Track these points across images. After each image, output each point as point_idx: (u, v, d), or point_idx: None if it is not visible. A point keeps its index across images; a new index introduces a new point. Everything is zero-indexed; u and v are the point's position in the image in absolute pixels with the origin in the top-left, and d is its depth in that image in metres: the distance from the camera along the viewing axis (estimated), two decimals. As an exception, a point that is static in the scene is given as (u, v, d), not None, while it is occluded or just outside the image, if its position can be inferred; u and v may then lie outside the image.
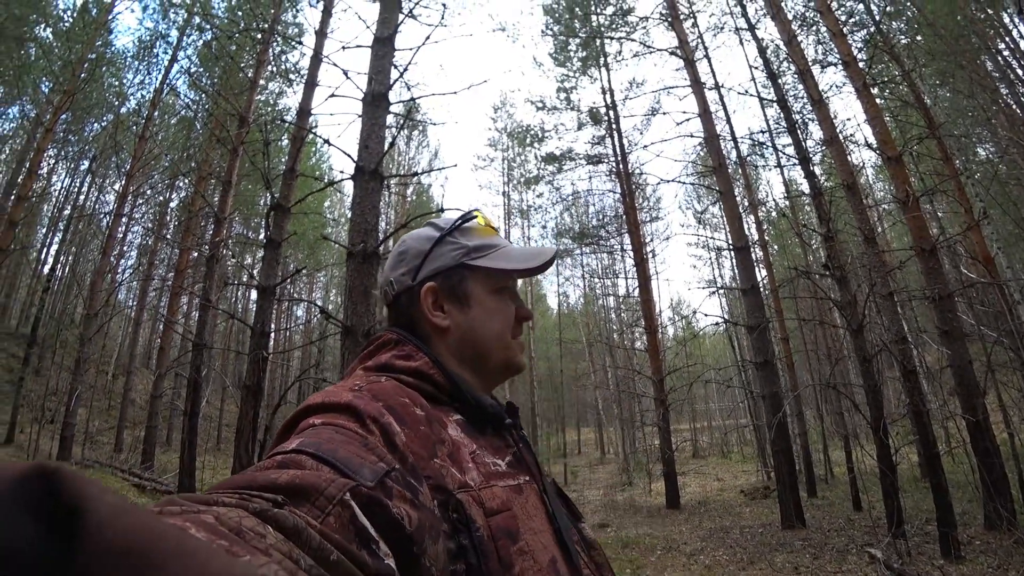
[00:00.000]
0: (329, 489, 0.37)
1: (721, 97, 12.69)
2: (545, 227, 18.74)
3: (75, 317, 15.25)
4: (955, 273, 10.49)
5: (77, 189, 15.46)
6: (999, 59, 10.64)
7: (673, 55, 11.59)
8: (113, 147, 9.71)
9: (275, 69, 9.91)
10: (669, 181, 14.34)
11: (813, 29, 11.35)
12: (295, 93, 11.43)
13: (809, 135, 11.76)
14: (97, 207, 15.10)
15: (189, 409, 7.01)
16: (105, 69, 10.73)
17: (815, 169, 8.98)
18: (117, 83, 11.14)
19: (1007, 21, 10.00)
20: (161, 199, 13.64)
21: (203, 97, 10.19)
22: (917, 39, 10.17)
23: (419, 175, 8.59)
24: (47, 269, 14.52)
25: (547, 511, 0.59)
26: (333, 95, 5.32)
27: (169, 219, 14.50)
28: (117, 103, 11.15)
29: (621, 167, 13.34)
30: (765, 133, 13.45)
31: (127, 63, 11.04)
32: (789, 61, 10.57)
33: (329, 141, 4.68)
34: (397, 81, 5.05)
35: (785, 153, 12.25)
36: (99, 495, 0.17)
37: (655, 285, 16.19)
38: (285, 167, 7.25)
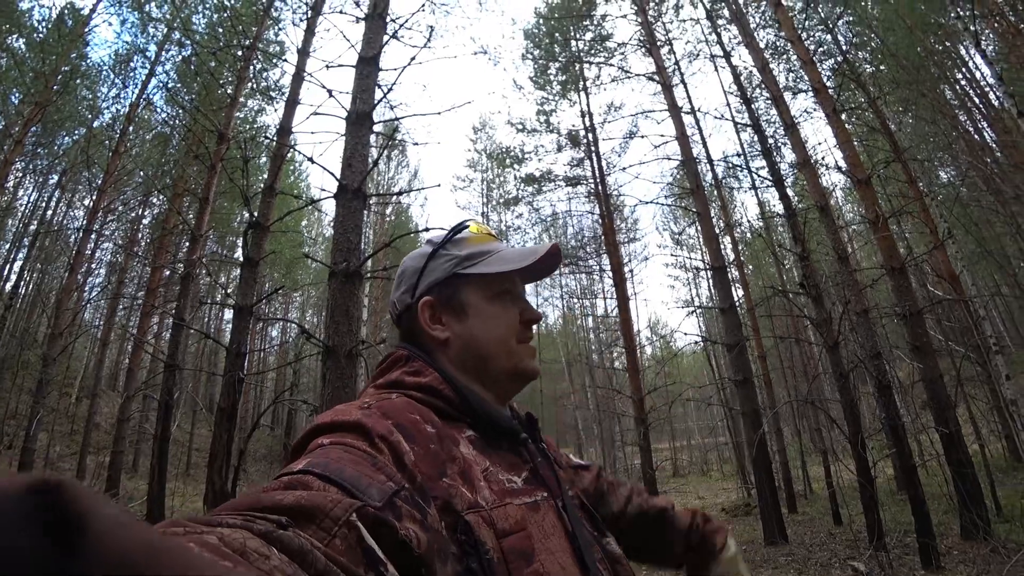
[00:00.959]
0: (335, 510, 0.37)
1: (697, 121, 13.07)
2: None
3: (38, 336, 14.65)
4: (923, 291, 10.87)
5: (45, 204, 14.99)
6: (957, 88, 11.24)
7: (651, 80, 11.93)
8: (85, 161, 9.46)
9: (255, 86, 9.85)
10: (647, 203, 14.59)
11: (784, 57, 11.84)
12: (276, 111, 11.38)
13: (782, 158, 12.18)
14: (65, 222, 14.64)
15: (159, 433, 6.74)
16: (79, 81, 10.51)
17: (788, 191, 9.28)
18: (91, 96, 10.90)
19: (963, 53, 10.59)
20: (133, 215, 13.31)
21: (181, 113, 10.05)
22: (881, 68, 10.68)
23: (402, 194, 8.57)
24: (9, 286, 13.94)
25: (566, 529, 0.57)
26: (316, 113, 5.30)
27: (141, 236, 14.13)
28: (91, 116, 10.90)
29: (600, 188, 13.57)
30: (740, 156, 13.86)
31: (102, 76, 10.84)
32: (762, 87, 10.97)
33: (312, 159, 4.64)
34: (381, 101, 5.08)
35: (760, 175, 12.64)
36: (101, 509, 0.17)
37: (633, 305, 16.36)
38: (264, 185, 7.15)
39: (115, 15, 10.06)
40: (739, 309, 10.25)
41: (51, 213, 14.79)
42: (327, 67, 5.75)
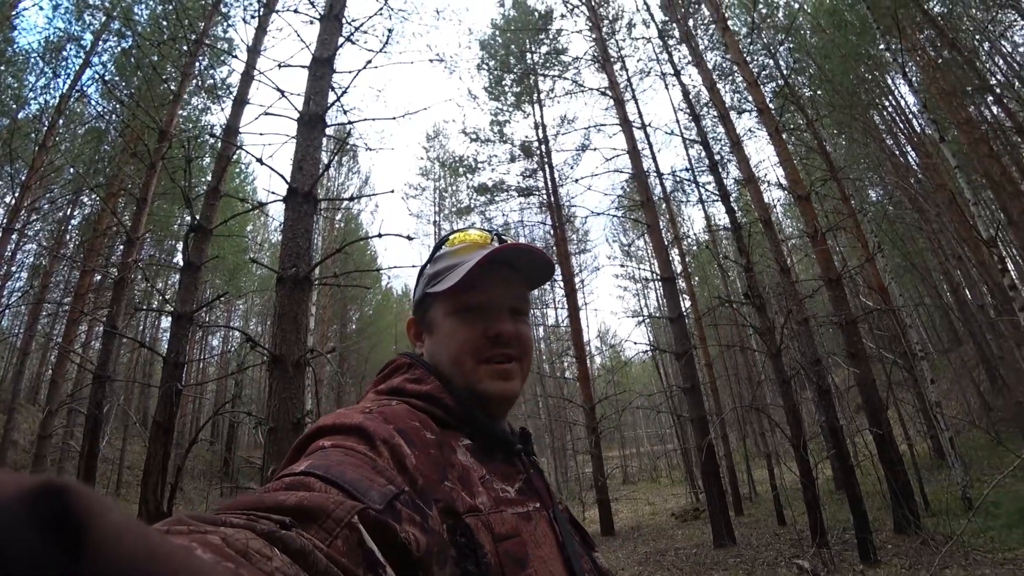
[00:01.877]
0: (337, 512, 0.37)
1: (648, 136, 13.51)
2: (476, 258, 18.79)
3: (-55, 347, 13.32)
4: (856, 301, 11.59)
5: (-43, 202, 13.70)
6: (885, 114, 12.13)
7: (604, 95, 12.26)
8: (7, 155, 8.71)
9: (201, 83, 9.39)
10: (599, 214, 14.89)
11: (730, 79, 12.43)
12: (222, 110, 10.90)
13: (728, 174, 12.73)
14: (-19, 222, 13.42)
15: (87, 449, 6.22)
16: (3, 68, 9.71)
17: (733, 206, 9.72)
18: (17, 85, 10.06)
19: (890, 82, 11.46)
20: (61, 215, 12.37)
21: (118, 107, 9.44)
22: (818, 93, 11.40)
23: (354, 200, 8.37)
24: (-88, 292, 12.63)
25: (557, 539, 0.57)
26: (267, 113, 5.10)
27: (69, 238, 13.14)
28: (15, 106, 10.06)
29: (552, 199, 13.78)
30: (688, 171, 14.38)
31: (30, 64, 10.03)
32: (710, 106, 11.48)
33: (262, 160, 4.45)
34: (335, 104, 4.96)
35: (707, 189, 13.17)
36: (105, 512, 0.17)
37: (584, 315, 16.68)
38: (208, 186, 6.82)
39: (47, -1, 9.37)
40: (687, 319, 10.58)
41: (-35, 211, 13.54)
42: (279, 67, 5.56)
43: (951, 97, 8.57)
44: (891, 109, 12.07)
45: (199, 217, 6.20)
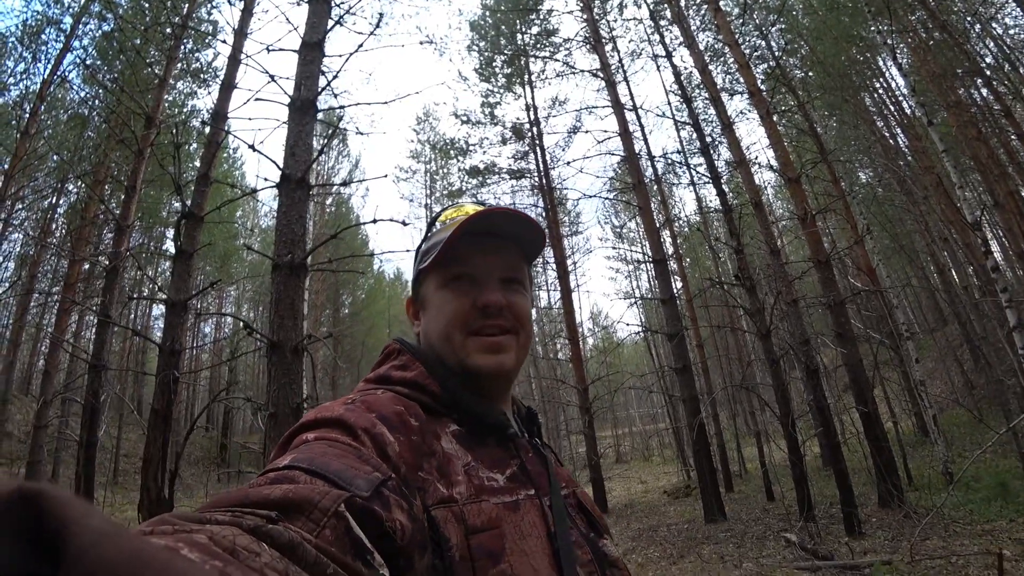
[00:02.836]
0: (323, 502, 0.37)
1: (639, 118, 13.46)
2: (468, 241, 18.72)
3: (-67, 338, 13.16)
4: (844, 282, 11.75)
5: (-62, 191, 13.42)
6: (875, 96, 12.16)
7: (595, 76, 12.16)
8: (-11, 143, 8.55)
9: (187, 67, 9.20)
10: (591, 196, 14.89)
11: (721, 60, 12.37)
12: (209, 94, 10.69)
13: (719, 156, 12.75)
14: (-36, 211, 13.17)
15: (85, 439, 6.25)
16: (-19, 54, 9.46)
17: (724, 187, 9.76)
18: (-5, 70, 9.81)
19: (881, 64, 11.47)
20: (47, 203, 12.17)
21: (101, 93, 9.24)
22: (810, 74, 11.39)
23: (347, 184, 8.31)
24: None
25: (548, 530, 0.54)
26: (258, 99, 5.04)
27: (56, 226, 12.94)
28: (-5, 93, 9.82)
29: (544, 182, 13.74)
30: (680, 153, 14.37)
31: (8, 48, 9.76)
32: (701, 88, 11.44)
33: (254, 147, 4.41)
34: (326, 88, 4.91)
35: (698, 172, 13.20)
36: (83, 518, 0.16)
37: (576, 297, 16.74)
38: (198, 173, 6.74)
39: (23, -19, 9.09)
40: (678, 300, 10.68)
41: (-53, 200, 13.27)
42: (268, 50, 5.48)
43: (941, 79, 8.61)
44: (881, 91, 12.11)
45: (190, 204, 6.16)
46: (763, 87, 9.46)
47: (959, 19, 9.37)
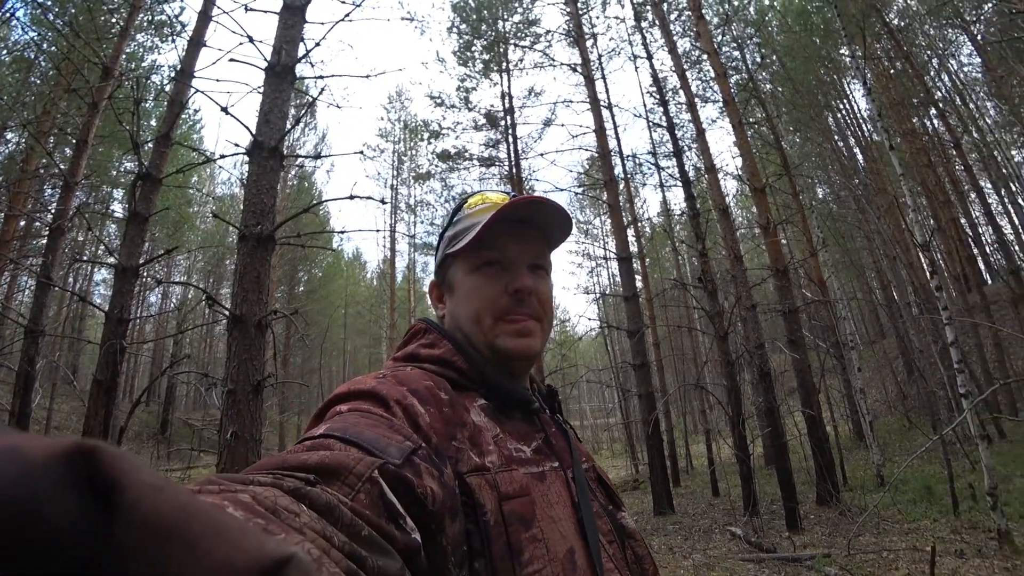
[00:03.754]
0: (358, 467, 0.39)
1: (612, 116, 13.59)
2: (433, 223, 18.52)
3: None
4: (796, 291, 12.32)
5: None
6: (837, 116, 12.73)
7: (574, 71, 12.17)
8: (-83, 81, 7.77)
9: (151, 19, 8.63)
10: (562, 190, 14.99)
11: (697, 67, 12.64)
12: (172, 49, 10.09)
13: (689, 160, 13.07)
14: None
15: (18, 408, 5.83)
16: (-90, -17, 8.55)
17: (693, 191, 10.02)
18: (-74, 3, 8.90)
19: (846, 87, 12.01)
20: (-20, 152, 11.22)
21: (51, 36, 8.56)
22: (779, 90, 11.80)
23: (320, 157, 8.03)
24: None
25: (573, 500, 0.57)
26: (232, 59, 4.79)
27: (-11, 178, 11.96)
28: (-75, 28, 8.95)
29: (514, 172, 13.71)
30: (651, 154, 14.63)
31: (-56, -20, 8.88)
32: (677, 91, 11.67)
33: (227, 109, 4.19)
34: (306, 56, 4.73)
35: (669, 174, 13.49)
36: (135, 472, 0.17)
37: (538, 289, 16.77)
38: (159, 133, 6.36)
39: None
40: (639, 298, 10.92)
41: None
42: (246, 9, 5.21)
43: (899, 107, 9.10)
44: (844, 112, 12.70)
45: (147, 165, 5.82)
46: (737, 98, 9.73)
47: (920, 52, 9.92)
